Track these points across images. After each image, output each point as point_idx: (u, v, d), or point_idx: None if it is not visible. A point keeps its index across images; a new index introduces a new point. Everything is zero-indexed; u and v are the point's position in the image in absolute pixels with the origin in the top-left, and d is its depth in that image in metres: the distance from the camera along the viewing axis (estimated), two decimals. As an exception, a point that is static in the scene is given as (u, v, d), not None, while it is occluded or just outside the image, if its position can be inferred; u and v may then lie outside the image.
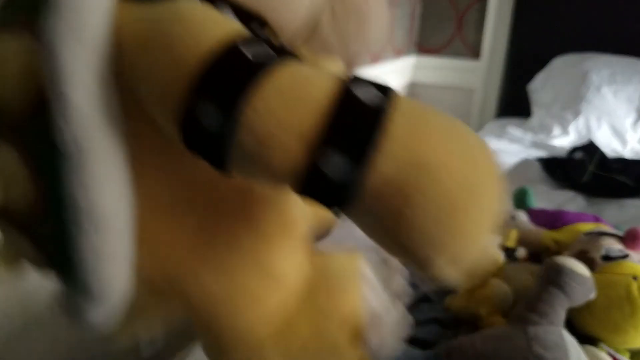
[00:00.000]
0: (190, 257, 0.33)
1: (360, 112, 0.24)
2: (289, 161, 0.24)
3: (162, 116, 0.27)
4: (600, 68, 1.71)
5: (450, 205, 0.23)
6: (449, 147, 0.24)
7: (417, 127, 0.24)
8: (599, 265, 0.61)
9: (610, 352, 0.58)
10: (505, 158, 1.53)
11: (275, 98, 0.24)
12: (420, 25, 2.20)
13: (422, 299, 0.73)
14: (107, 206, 0.29)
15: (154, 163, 0.32)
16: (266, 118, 0.24)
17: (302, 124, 0.23)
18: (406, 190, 0.22)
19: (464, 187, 0.23)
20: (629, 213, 1.11)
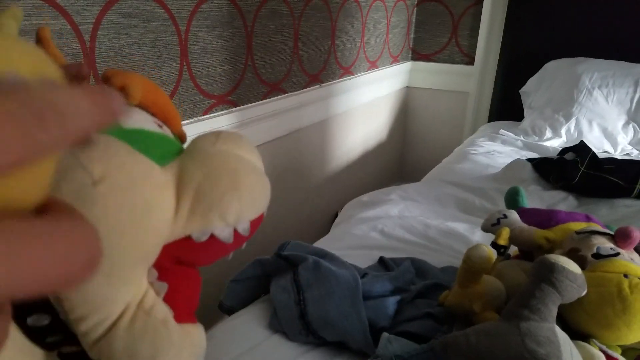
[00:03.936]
0: None
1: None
2: None
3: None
4: (592, 72, 1.73)
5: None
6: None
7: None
8: (591, 263, 0.62)
9: (602, 347, 0.60)
10: (498, 159, 1.55)
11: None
12: (415, 31, 2.22)
13: (417, 295, 0.74)
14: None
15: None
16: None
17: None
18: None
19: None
20: (619, 212, 1.13)
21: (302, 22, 1.44)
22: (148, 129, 0.37)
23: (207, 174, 0.36)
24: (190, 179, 0.35)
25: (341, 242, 1.00)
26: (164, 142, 0.38)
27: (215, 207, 0.36)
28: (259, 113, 1.32)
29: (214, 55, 1.14)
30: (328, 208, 1.85)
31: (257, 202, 0.39)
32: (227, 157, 0.38)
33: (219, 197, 0.36)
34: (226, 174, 0.37)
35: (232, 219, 0.37)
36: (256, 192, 0.39)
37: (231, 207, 0.36)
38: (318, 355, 0.67)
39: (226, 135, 0.40)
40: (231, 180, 0.37)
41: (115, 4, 0.89)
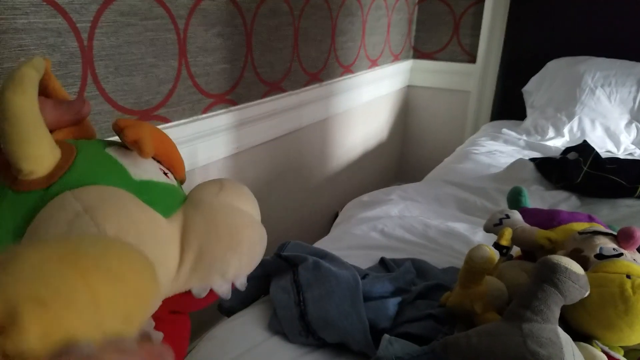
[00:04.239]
0: None
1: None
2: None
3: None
4: (595, 71, 1.72)
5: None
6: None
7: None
8: (593, 263, 0.62)
9: (604, 349, 0.59)
10: (500, 159, 1.54)
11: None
12: (417, 30, 2.21)
13: (418, 296, 0.74)
14: None
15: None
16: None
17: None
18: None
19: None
20: (622, 212, 1.12)
21: (302, 21, 1.44)
22: (156, 180, 0.38)
23: (210, 232, 0.37)
24: (194, 236, 0.37)
25: (341, 242, 0.99)
26: (170, 192, 0.39)
27: (217, 265, 0.37)
28: (258, 112, 1.32)
29: (213, 54, 1.14)
30: (328, 208, 1.85)
31: (255, 258, 0.40)
32: (229, 212, 0.39)
33: (220, 256, 0.37)
34: (228, 232, 0.38)
35: (231, 276, 0.38)
36: (255, 249, 0.40)
37: (232, 265, 0.38)
38: (318, 357, 0.67)
39: (229, 186, 0.41)
40: (233, 239, 0.38)
41: (114, 2, 0.89)
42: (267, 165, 1.43)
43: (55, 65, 0.82)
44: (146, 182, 0.37)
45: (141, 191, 0.36)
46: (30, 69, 0.32)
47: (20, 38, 0.76)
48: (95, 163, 0.36)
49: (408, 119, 2.36)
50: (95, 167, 0.36)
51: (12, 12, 0.74)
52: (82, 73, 0.86)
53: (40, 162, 0.33)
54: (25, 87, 0.32)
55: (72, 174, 0.34)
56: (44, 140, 0.33)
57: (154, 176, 0.39)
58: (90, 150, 0.37)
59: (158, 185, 0.38)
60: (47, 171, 0.33)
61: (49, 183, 0.33)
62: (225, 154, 1.24)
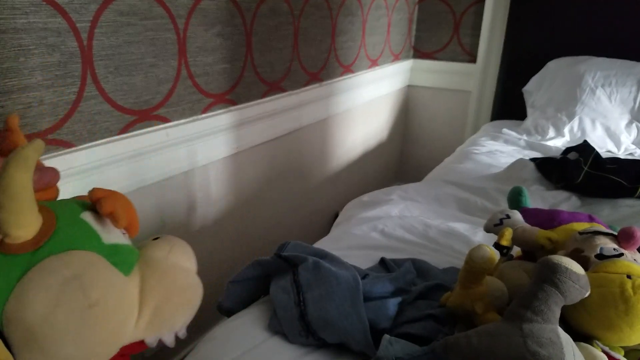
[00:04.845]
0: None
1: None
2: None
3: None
4: (595, 70, 1.72)
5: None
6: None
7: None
8: (594, 263, 0.61)
9: (604, 349, 0.59)
10: (500, 159, 1.54)
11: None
12: (417, 30, 2.21)
13: (418, 296, 0.74)
14: None
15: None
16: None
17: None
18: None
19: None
20: (622, 212, 1.12)
21: (302, 20, 1.44)
22: (120, 243, 0.46)
23: (164, 293, 0.46)
24: (150, 296, 0.45)
25: (341, 242, 0.99)
26: (129, 252, 0.46)
27: (168, 321, 0.46)
28: (258, 112, 1.32)
29: (213, 54, 1.14)
30: (328, 208, 1.84)
31: (195, 309, 0.51)
32: (177, 273, 0.48)
33: (171, 314, 0.46)
34: (177, 292, 0.47)
35: (178, 328, 0.48)
36: (196, 305, 0.51)
37: (179, 321, 0.48)
38: (318, 357, 0.67)
39: (177, 247, 0.50)
40: (181, 298, 0.48)
41: (113, 1, 0.88)
42: (267, 165, 1.43)
43: (54, 65, 0.81)
44: (113, 246, 0.44)
45: (110, 254, 0.43)
46: (34, 152, 0.38)
47: (20, 38, 0.75)
48: (74, 229, 0.42)
49: (408, 119, 2.36)
50: (74, 232, 0.42)
51: (12, 12, 0.74)
52: (81, 73, 0.86)
53: (28, 228, 0.38)
54: (28, 166, 0.37)
55: (56, 240, 0.40)
56: (33, 211, 0.39)
57: (119, 239, 0.46)
58: (67, 215, 0.43)
59: (122, 248, 0.45)
60: (32, 235, 0.39)
61: (35, 247, 0.38)
62: (225, 154, 1.24)
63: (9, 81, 0.75)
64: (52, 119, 0.83)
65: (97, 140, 0.92)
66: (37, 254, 0.38)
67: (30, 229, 0.38)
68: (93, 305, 0.38)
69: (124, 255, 0.45)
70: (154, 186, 1.06)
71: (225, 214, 1.30)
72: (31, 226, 0.38)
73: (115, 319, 0.40)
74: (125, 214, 0.45)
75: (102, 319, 0.39)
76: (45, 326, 0.36)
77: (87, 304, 0.38)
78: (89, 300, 0.38)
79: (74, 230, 0.42)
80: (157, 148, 1.03)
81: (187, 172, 1.14)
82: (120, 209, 0.44)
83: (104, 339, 0.39)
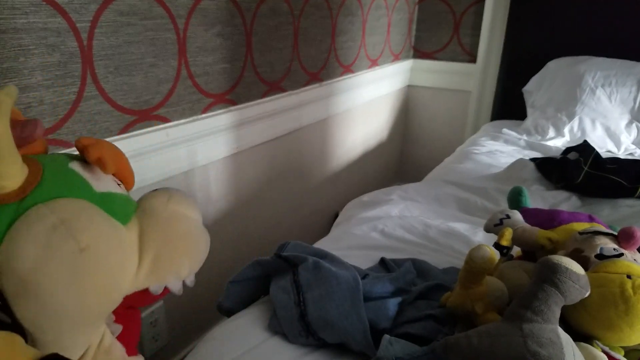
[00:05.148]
0: None
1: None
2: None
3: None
4: (595, 70, 1.72)
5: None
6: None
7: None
8: (594, 263, 0.61)
9: (604, 349, 0.59)
10: (500, 159, 1.54)
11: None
12: (417, 30, 2.21)
13: (418, 296, 0.74)
14: None
15: None
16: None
17: None
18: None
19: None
20: (622, 212, 1.12)
21: (302, 20, 1.44)
22: (114, 192, 0.44)
23: (165, 238, 0.44)
24: (150, 242, 0.43)
25: (341, 242, 0.99)
26: (125, 202, 0.45)
27: (171, 268, 0.44)
28: (258, 112, 1.32)
29: (213, 54, 1.14)
30: (328, 208, 1.84)
31: (202, 258, 0.49)
32: (179, 219, 0.46)
33: (174, 260, 0.44)
34: (179, 238, 0.45)
35: (184, 275, 0.46)
36: (202, 251, 0.49)
37: (184, 266, 0.45)
38: (318, 357, 0.67)
39: (176, 196, 0.48)
40: (184, 244, 0.46)
41: (113, 1, 0.88)
42: (267, 165, 1.43)
43: (54, 65, 0.81)
44: (106, 194, 0.43)
45: (103, 202, 0.41)
46: (5, 97, 0.37)
47: (20, 38, 0.75)
48: (61, 178, 0.41)
49: (408, 119, 2.36)
50: (61, 181, 0.41)
51: (12, 12, 0.74)
52: (81, 73, 0.86)
53: (12, 178, 0.37)
54: (2, 112, 0.36)
55: (42, 188, 0.39)
56: (16, 159, 0.37)
57: (112, 188, 0.44)
58: (55, 165, 0.42)
59: (116, 196, 0.44)
60: (17, 185, 0.38)
61: (21, 196, 0.37)
62: (225, 153, 1.24)
63: (9, 81, 0.75)
64: (52, 119, 0.83)
65: (97, 140, 0.92)
66: (24, 203, 0.37)
67: (14, 178, 0.37)
68: (84, 250, 0.37)
69: (119, 204, 0.43)
70: (154, 186, 1.06)
71: (225, 214, 1.30)
72: (15, 176, 0.37)
73: (110, 263, 0.39)
74: (114, 160, 0.44)
75: (95, 263, 0.38)
76: (36, 274, 0.36)
77: (78, 248, 0.36)
78: (79, 245, 0.37)
79: (61, 179, 0.41)
80: (157, 148, 1.03)
81: (187, 172, 1.14)
82: (108, 155, 0.43)
83: (99, 284, 0.38)
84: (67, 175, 0.41)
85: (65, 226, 0.37)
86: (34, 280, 0.35)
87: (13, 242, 0.36)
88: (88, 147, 0.42)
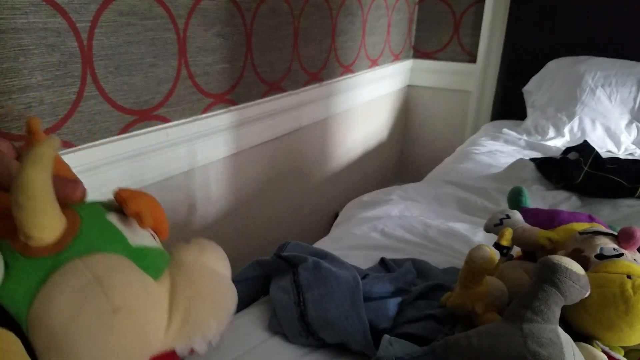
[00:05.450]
0: None
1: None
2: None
3: None
4: (595, 70, 1.72)
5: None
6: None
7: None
8: (594, 263, 0.61)
9: (604, 349, 0.59)
10: (500, 159, 1.54)
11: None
12: (417, 30, 2.21)
13: (418, 296, 0.74)
14: None
15: None
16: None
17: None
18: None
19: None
20: (622, 212, 1.12)
21: (302, 20, 1.44)
22: (149, 246, 0.44)
23: (195, 296, 0.43)
24: (181, 300, 0.43)
25: (341, 242, 0.99)
26: (159, 256, 0.44)
27: (199, 328, 0.43)
28: (258, 112, 1.32)
29: (213, 54, 1.14)
30: (328, 208, 1.84)
31: (229, 317, 0.47)
32: (209, 276, 0.46)
33: (203, 320, 0.43)
34: (209, 296, 0.44)
35: (211, 336, 0.45)
36: (230, 309, 0.47)
37: (212, 328, 0.44)
38: (318, 357, 0.67)
39: (208, 249, 0.48)
40: (213, 302, 0.45)
41: (113, 1, 0.88)
42: (267, 165, 1.43)
43: (54, 65, 0.81)
44: (141, 249, 0.43)
45: (137, 257, 0.41)
46: (48, 148, 0.36)
47: (20, 38, 0.75)
48: (98, 230, 0.40)
49: (408, 119, 2.36)
50: (99, 234, 0.40)
51: (12, 12, 0.74)
52: (81, 73, 0.86)
53: (50, 230, 0.37)
54: (44, 165, 0.35)
55: (80, 242, 0.38)
56: (54, 211, 0.37)
57: (147, 241, 0.44)
58: (92, 217, 0.41)
59: (150, 251, 0.43)
60: (55, 238, 0.37)
61: (58, 250, 0.37)
62: (225, 153, 1.24)
63: (9, 81, 0.75)
64: (52, 119, 0.83)
65: (97, 140, 0.92)
66: (60, 256, 0.37)
67: (52, 230, 0.37)
68: (117, 310, 0.37)
69: (152, 258, 0.43)
70: (154, 186, 1.06)
71: (225, 214, 1.30)
72: (53, 228, 0.37)
73: (142, 324, 0.39)
74: (152, 214, 0.44)
75: (127, 324, 0.37)
76: (67, 332, 0.35)
77: (110, 308, 0.36)
78: (112, 305, 0.37)
79: (98, 232, 0.40)
80: (157, 148, 1.03)
81: (187, 172, 1.14)
82: (146, 209, 0.43)
83: (130, 345, 0.38)
84: (105, 228, 0.41)
85: (100, 284, 0.36)
86: (64, 337, 0.35)
87: (47, 297, 0.35)
88: (127, 200, 0.42)
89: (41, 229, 0.36)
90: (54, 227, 0.37)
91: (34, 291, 0.36)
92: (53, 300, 0.35)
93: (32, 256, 0.36)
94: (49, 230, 0.37)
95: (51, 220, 0.37)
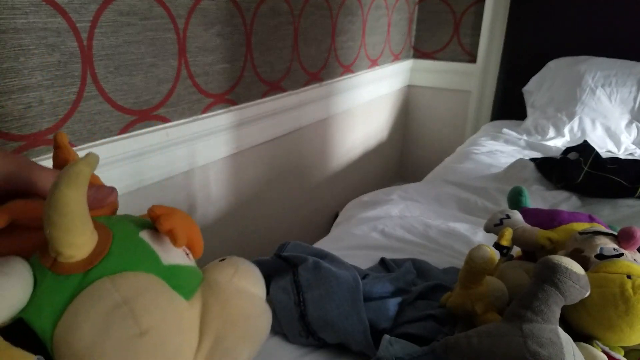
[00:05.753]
0: None
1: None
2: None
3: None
4: (595, 70, 1.72)
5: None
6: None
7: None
8: (594, 263, 0.61)
9: (604, 349, 0.59)
10: (500, 159, 1.54)
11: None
12: (417, 29, 2.21)
13: (418, 296, 0.74)
14: None
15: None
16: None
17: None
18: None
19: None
20: (622, 212, 1.12)
21: (302, 20, 1.44)
22: (182, 264, 0.42)
23: (226, 320, 0.41)
24: (211, 323, 0.40)
25: (341, 242, 0.99)
26: (191, 275, 0.43)
27: (230, 353, 0.41)
28: (258, 112, 1.32)
29: (213, 54, 1.14)
30: (328, 208, 1.84)
31: (262, 341, 0.44)
32: (242, 299, 0.44)
33: (233, 345, 0.41)
34: (242, 321, 0.42)
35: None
36: (263, 333, 0.44)
37: (243, 355, 0.42)
38: (318, 357, 0.67)
39: (243, 270, 0.46)
40: (246, 327, 0.42)
41: (113, 1, 0.88)
42: (267, 165, 1.43)
43: (54, 65, 0.81)
44: (174, 267, 0.41)
45: (169, 276, 0.40)
46: (86, 167, 0.35)
47: (20, 38, 0.75)
48: (130, 249, 0.39)
49: (408, 119, 2.36)
50: (130, 253, 0.39)
51: (12, 12, 0.74)
52: (81, 73, 0.86)
53: (81, 248, 0.36)
54: (80, 183, 0.35)
55: (110, 260, 0.37)
56: (87, 228, 0.36)
57: (180, 260, 0.42)
58: (124, 234, 0.40)
59: (183, 269, 0.42)
60: (85, 255, 0.36)
61: (88, 268, 0.36)
62: (225, 153, 1.24)
63: (9, 81, 0.75)
64: (52, 119, 0.83)
65: (97, 140, 0.92)
66: (90, 275, 0.36)
67: (83, 248, 0.36)
68: (144, 334, 0.35)
69: (185, 278, 0.42)
70: (154, 186, 1.06)
71: (225, 214, 1.30)
72: (85, 245, 0.36)
73: (169, 348, 0.37)
74: (185, 233, 0.42)
75: (153, 347, 0.36)
76: (92, 353, 0.34)
77: (138, 332, 0.35)
78: (139, 328, 0.35)
79: (130, 250, 0.39)
80: (157, 148, 1.03)
81: (187, 172, 1.14)
82: (180, 227, 0.41)
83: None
84: (136, 246, 0.40)
85: (128, 306, 0.36)
86: (88, 359, 0.34)
87: (73, 317, 0.35)
88: (160, 218, 0.41)
89: (72, 246, 0.35)
90: (84, 244, 0.36)
91: (60, 310, 0.35)
92: (79, 321, 0.34)
93: (61, 273, 0.35)
94: (80, 248, 0.36)
95: (82, 237, 0.36)
